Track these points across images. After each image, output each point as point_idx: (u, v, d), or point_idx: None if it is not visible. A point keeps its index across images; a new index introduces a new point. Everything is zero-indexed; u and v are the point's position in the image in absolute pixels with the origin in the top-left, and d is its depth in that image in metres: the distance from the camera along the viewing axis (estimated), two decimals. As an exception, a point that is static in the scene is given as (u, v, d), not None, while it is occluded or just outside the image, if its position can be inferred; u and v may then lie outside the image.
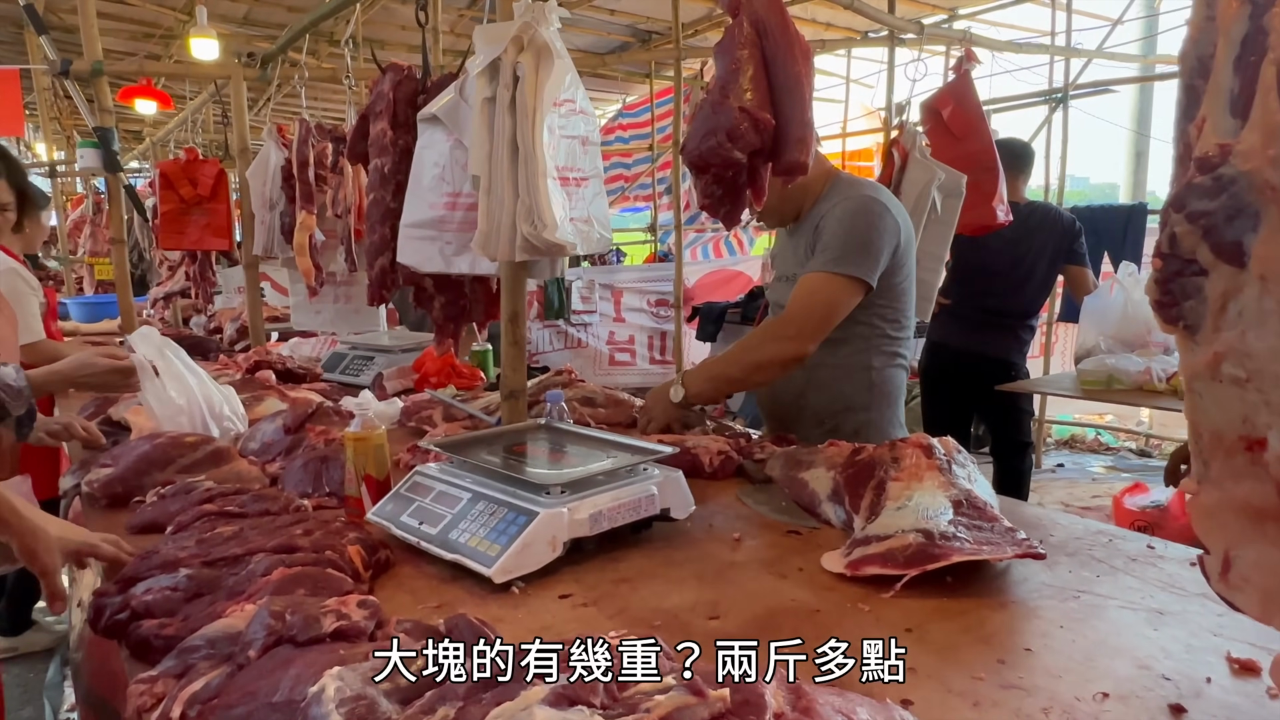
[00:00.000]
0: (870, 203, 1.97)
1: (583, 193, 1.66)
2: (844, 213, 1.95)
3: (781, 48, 1.48)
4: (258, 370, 2.75)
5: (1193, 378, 0.77)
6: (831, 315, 1.94)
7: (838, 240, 1.93)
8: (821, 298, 1.92)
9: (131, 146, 9.33)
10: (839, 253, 1.92)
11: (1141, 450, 6.55)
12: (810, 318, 1.93)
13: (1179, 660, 1.03)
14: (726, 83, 1.48)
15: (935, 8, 6.49)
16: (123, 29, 6.70)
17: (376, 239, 2.17)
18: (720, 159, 1.50)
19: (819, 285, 1.93)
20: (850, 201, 1.97)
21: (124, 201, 3.41)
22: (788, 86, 1.49)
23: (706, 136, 1.50)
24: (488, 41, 1.56)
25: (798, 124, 1.50)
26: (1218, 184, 0.69)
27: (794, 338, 1.93)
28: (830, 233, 1.94)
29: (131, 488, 1.70)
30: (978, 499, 1.41)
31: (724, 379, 2.00)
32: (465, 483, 1.43)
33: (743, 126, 1.46)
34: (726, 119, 1.46)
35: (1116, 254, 5.15)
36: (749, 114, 1.46)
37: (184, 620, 1.09)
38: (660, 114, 8.01)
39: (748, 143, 1.47)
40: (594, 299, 7.67)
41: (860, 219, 1.94)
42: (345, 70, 2.71)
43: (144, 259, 6.41)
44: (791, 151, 1.53)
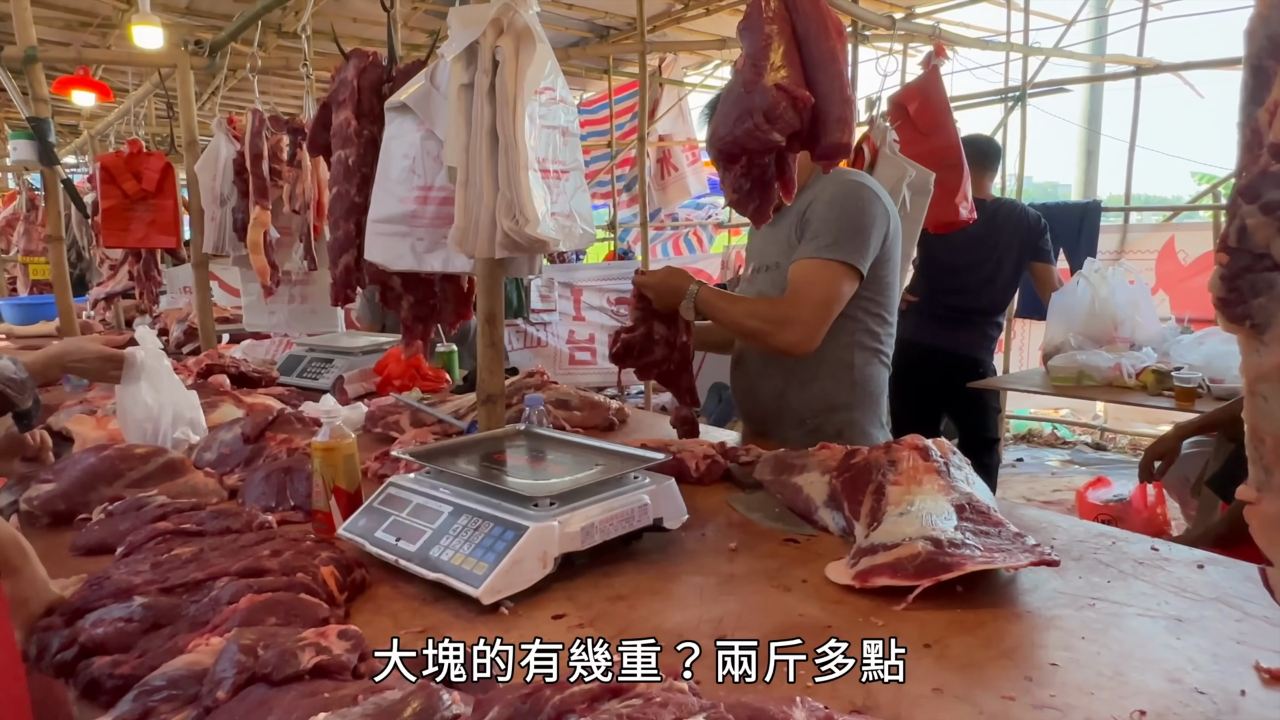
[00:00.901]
0: (860, 188, 1.92)
1: (563, 185, 1.57)
2: (833, 198, 1.89)
3: (814, 22, 1.39)
4: (210, 375, 2.61)
5: (1258, 380, 0.72)
6: (832, 304, 1.87)
7: (829, 226, 1.86)
8: (821, 286, 1.85)
9: (68, 141, 8.94)
10: (832, 239, 1.85)
11: (1097, 444, 6.67)
12: (815, 309, 1.85)
13: (1208, 672, 0.99)
14: (758, 61, 1.38)
15: (893, 6, 6.51)
16: (57, 17, 6.40)
17: (340, 235, 2.05)
18: (758, 142, 1.39)
19: (815, 272, 1.85)
20: (839, 186, 1.91)
21: (62, 196, 3.22)
22: (823, 63, 1.39)
23: (741, 119, 1.39)
24: (464, 24, 1.47)
25: (838, 102, 1.40)
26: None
27: (789, 332, 1.85)
28: (820, 218, 1.87)
29: (76, 504, 1.57)
30: (980, 503, 1.36)
31: (718, 311, 1.90)
32: (445, 494, 1.34)
33: (781, 106, 1.35)
34: (763, 98, 1.36)
35: (1072, 251, 5.22)
36: (787, 92, 1.36)
37: (140, 656, 0.98)
38: (620, 110, 7.91)
39: (787, 123, 1.37)
40: (553, 297, 7.54)
41: (852, 204, 1.88)
42: (303, 59, 2.58)
43: (83, 257, 6.14)
44: (833, 132, 1.42)
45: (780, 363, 2.05)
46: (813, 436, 1.76)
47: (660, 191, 8.52)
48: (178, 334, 4.17)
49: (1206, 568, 1.30)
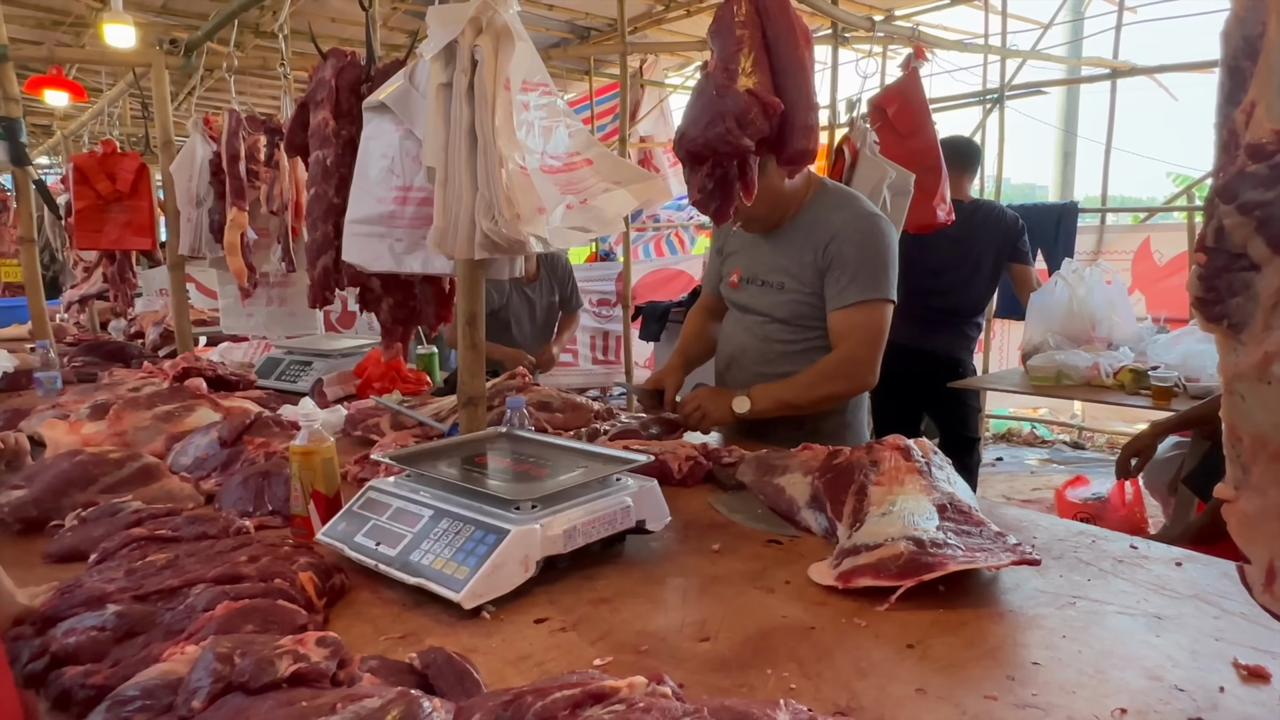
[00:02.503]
0: (877, 221, 2.05)
1: (585, 173, 1.53)
2: (859, 235, 2.00)
3: (783, 29, 1.41)
4: (186, 378, 2.57)
5: (1235, 379, 0.72)
6: (880, 340, 2.02)
7: (866, 267, 1.98)
8: (871, 330, 2.00)
9: (40, 141, 8.81)
10: (870, 281, 1.99)
11: (1075, 443, 6.74)
12: (872, 348, 2.01)
13: (1188, 669, 1.00)
14: (730, 65, 1.39)
15: (872, 8, 6.54)
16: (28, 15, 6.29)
17: (319, 237, 2.03)
18: (728, 146, 1.41)
19: (864, 318, 2.00)
20: (861, 221, 2.03)
21: (34, 198, 3.17)
22: (791, 70, 1.41)
23: (713, 122, 1.41)
24: (443, 23, 1.45)
25: (804, 109, 1.42)
26: (1275, 172, 0.64)
27: (860, 376, 2.03)
28: (852, 259, 1.98)
29: (48, 511, 1.54)
30: (961, 502, 1.37)
31: (787, 405, 2.02)
32: (425, 498, 1.32)
33: (752, 111, 1.37)
34: (735, 103, 1.37)
35: (1050, 252, 5.27)
36: (758, 98, 1.37)
37: (114, 666, 0.96)
38: (601, 111, 7.90)
39: (757, 129, 1.39)
40: (535, 299, 7.52)
41: (878, 240, 2.01)
42: (280, 58, 2.55)
43: (56, 259, 6.05)
44: (799, 139, 1.45)
45: (778, 368, 2.10)
46: (810, 438, 1.78)
47: (642, 193, 8.50)
48: (154, 337, 4.11)
49: (1185, 565, 1.31)
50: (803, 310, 2.08)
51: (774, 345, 2.13)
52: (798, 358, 2.09)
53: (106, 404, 2.12)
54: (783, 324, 2.12)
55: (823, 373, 2.01)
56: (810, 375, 2.02)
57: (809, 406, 2.04)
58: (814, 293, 2.05)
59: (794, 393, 2.02)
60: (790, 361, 2.09)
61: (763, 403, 2.01)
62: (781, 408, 2.02)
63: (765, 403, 2.01)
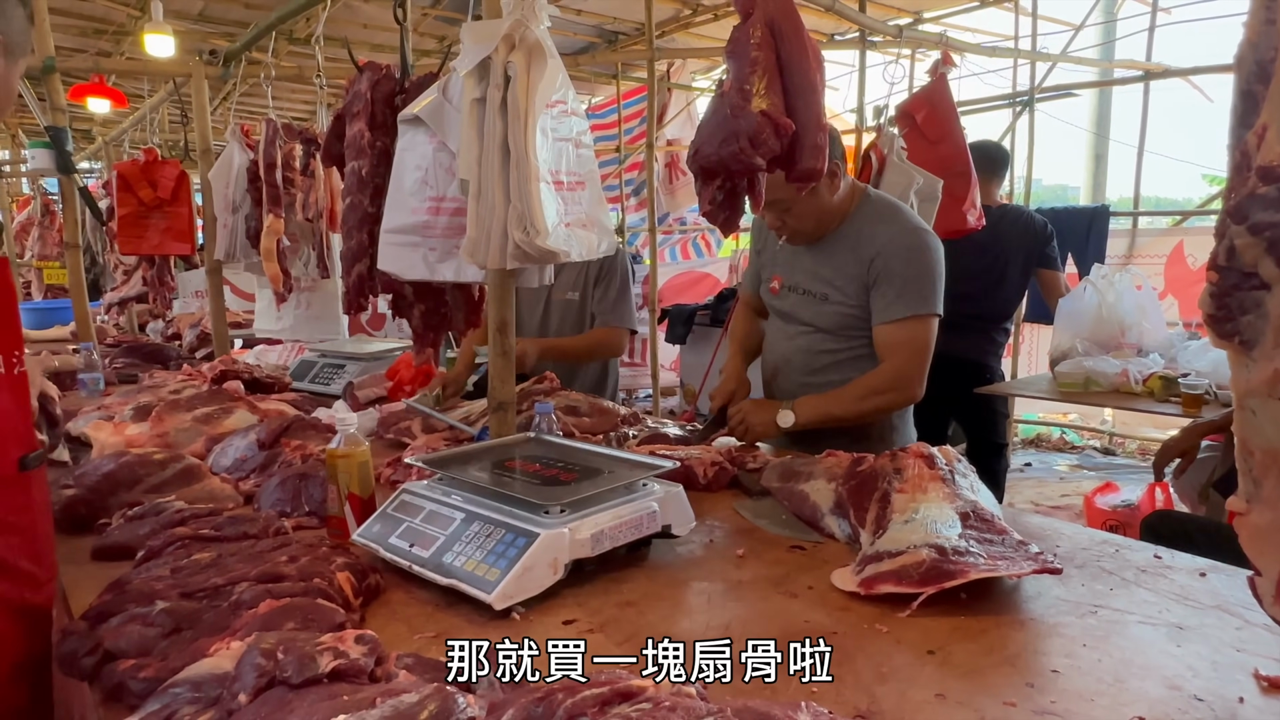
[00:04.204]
0: (924, 235, 2.04)
1: (579, 196, 1.59)
2: (906, 250, 2.00)
3: (796, 51, 1.44)
4: (225, 380, 2.64)
5: (1246, 394, 0.73)
6: (927, 354, 2.02)
7: (913, 283, 1.98)
8: (919, 345, 2.00)
9: (83, 147, 9.02)
10: (918, 296, 1.99)
11: (1106, 448, 6.66)
12: (918, 363, 2.01)
13: (1208, 679, 1.01)
14: (744, 86, 1.42)
15: (901, 11, 6.52)
16: (72, 25, 6.47)
17: (354, 245, 2.08)
18: (740, 164, 1.44)
19: (910, 333, 1.99)
20: (906, 236, 2.02)
21: (78, 204, 3.27)
22: (803, 91, 1.45)
23: (727, 141, 1.44)
24: (476, 39, 1.49)
25: (814, 129, 1.46)
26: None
27: (907, 389, 2.02)
28: (899, 274, 1.98)
29: (96, 509, 1.60)
30: (984, 510, 1.38)
31: (834, 419, 2.02)
32: (457, 501, 1.36)
33: (765, 132, 1.41)
34: (749, 123, 1.41)
35: (1080, 256, 5.22)
36: (771, 119, 1.41)
37: (163, 660, 1.01)
38: (627, 115, 7.94)
39: (769, 149, 1.43)
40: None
41: (926, 255, 2.01)
42: (316, 69, 2.61)
43: (97, 263, 6.20)
44: (807, 158, 1.49)
45: (825, 377, 2.11)
46: (859, 444, 1.80)
47: (669, 196, 8.53)
48: (190, 338, 4.21)
49: (1209, 575, 1.31)
50: (847, 321, 2.08)
51: (820, 356, 2.13)
52: (844, 366, 2.09)
53: (149, 406, 2.19)
54: (827, 334, 2.11)
55: (871, 387, 2.01)
56: (857, 388, 2.02)
57: (855, 419, 2.04)
58: (858, 305, 2.05)
59: (841, 406, 2.01)
60: (837, 370, 2.09)
61: (808, 415, 2.00)
62: (827, 421, 2.01)
63: (810, 415, 2.00)
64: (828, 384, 2.08)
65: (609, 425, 2.22)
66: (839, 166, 2.01)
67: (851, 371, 2.06)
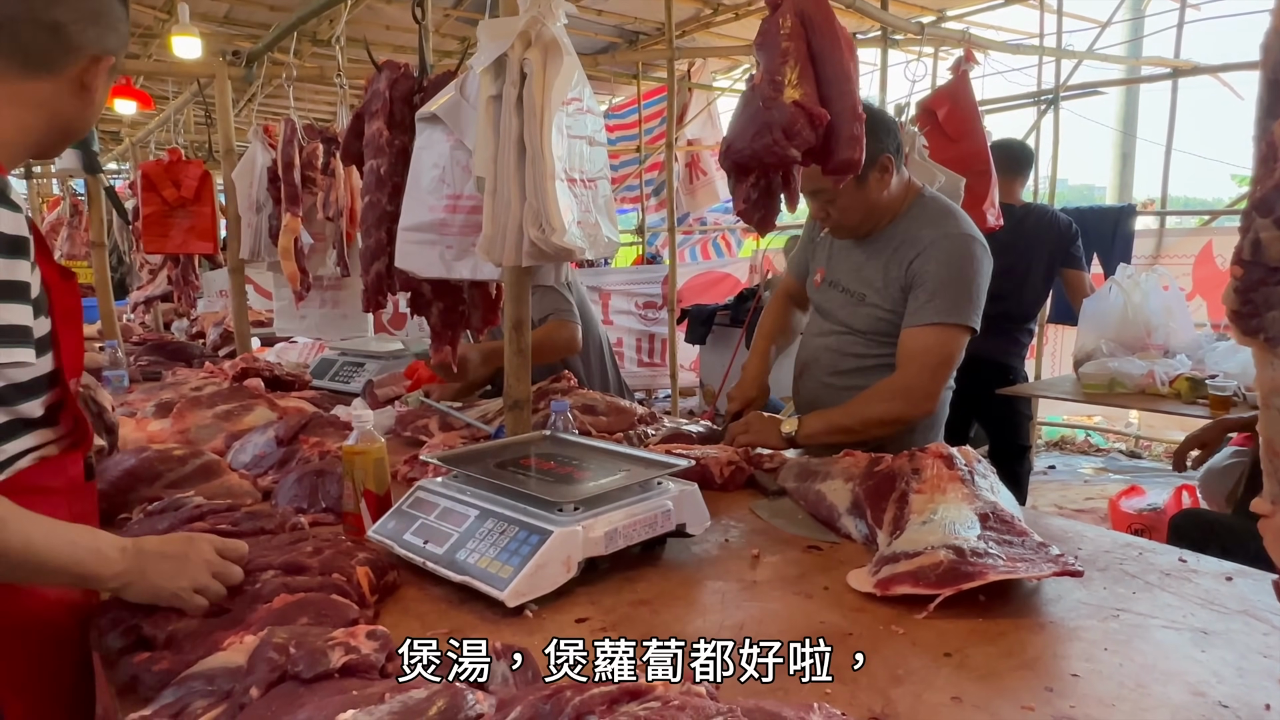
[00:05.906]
0: (970, 243, 1.92)
1: (591, 194, 1.59)
2: (946, 255, 1.89)
3: (828, 40, 1.41)
4: (245, 378, 2.67)
5: (1272, 393, 0.72)
6: (948, 368, 1.92)
7: (946, 288, 1.87)
8: (940, 356, 1.89)
9: (110, 147, 9.16)
10: (948, 302, 1.87)
11: (1131, 451, 6.56)
12: (932, 378, 1.90)
13: (1233, 685, 0.98)
14: (776, 77, 1.40)
15: (923, 9, 6.47)
16: (100, 27, 6.57)
17: (372, 243, 2.09)
18: (775, 158, 1.41)
19: (934, 341, 1.88)
20: (950, 241, 1.91)
21: (104, 204, 3.31)
22: (837, 80, 1.41)
23: (760, 134, 1.41)
24: (493, 37, 1.50)
25: (849, 120, 1.42)
26: (1313, 187, 0.64)
27: (918, 400, 1.90)
28: (934, 278, 1.88)
29: (116, 505, 1.62)
30: (1004, 512, 1.36)
31: (839, 429, 1.92)
32: (471, 499, 1.36)
33: (799, 123, 1.37)
34: (782, 115, 1.37)
35: (1106, 256, 5.14)
36: (805, 109, 1.38)
37: (177, 653, 1.02)
38: (648, 115, 7.94)
39: (804, 140, 1.39)
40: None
41: (966, 263, 1.90)
42: (336, 69, 2.63)
43: (123, 262, 6.29)
44: (844, 149, 1.44)
45: (849, 380, 2.03)
46: (888, 444, 1.75)
47: (689, 195, 8.52)
48: (214, 337, 4.26)
49: (1235, 580, 1.28)
50: (880, 325, 1.99)
51: (846, 358, 2.06)
52: (869, 373, 2.00)
53: (170, 403, 2.21)
54: (858, 336, 2.03)
55: (877, 394, 1.92)
56: (864, 394, 1.93)
57: (861, 428, 1.91)
58: (894, 309, 1.96)
59: (845, 414, 1.93)
60: (861, 376, 2.00)
61: (812, 425, 1.93)
62: (833, 430, 1.92)
63: (815, 425, 1.93)
64: (849, 389, 1.99)
65: (626, 424, 2.21)
66: (891, 161, 1.92)
67: (877, 379, 1.96)
